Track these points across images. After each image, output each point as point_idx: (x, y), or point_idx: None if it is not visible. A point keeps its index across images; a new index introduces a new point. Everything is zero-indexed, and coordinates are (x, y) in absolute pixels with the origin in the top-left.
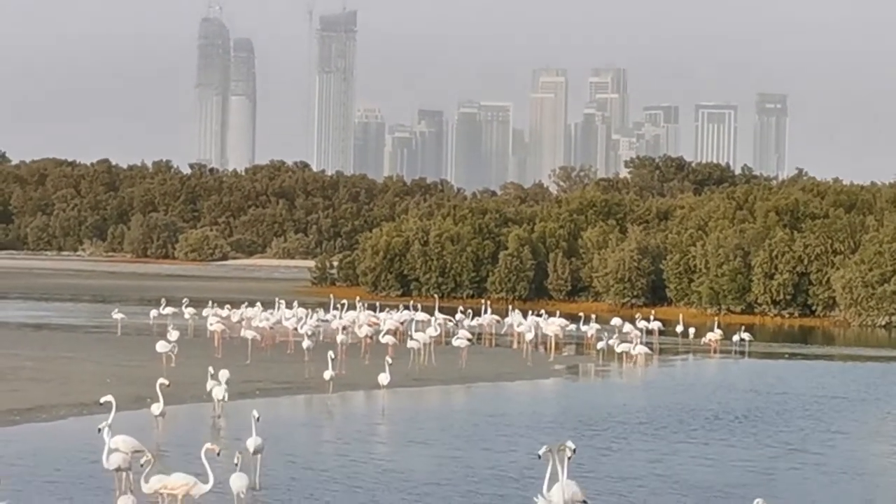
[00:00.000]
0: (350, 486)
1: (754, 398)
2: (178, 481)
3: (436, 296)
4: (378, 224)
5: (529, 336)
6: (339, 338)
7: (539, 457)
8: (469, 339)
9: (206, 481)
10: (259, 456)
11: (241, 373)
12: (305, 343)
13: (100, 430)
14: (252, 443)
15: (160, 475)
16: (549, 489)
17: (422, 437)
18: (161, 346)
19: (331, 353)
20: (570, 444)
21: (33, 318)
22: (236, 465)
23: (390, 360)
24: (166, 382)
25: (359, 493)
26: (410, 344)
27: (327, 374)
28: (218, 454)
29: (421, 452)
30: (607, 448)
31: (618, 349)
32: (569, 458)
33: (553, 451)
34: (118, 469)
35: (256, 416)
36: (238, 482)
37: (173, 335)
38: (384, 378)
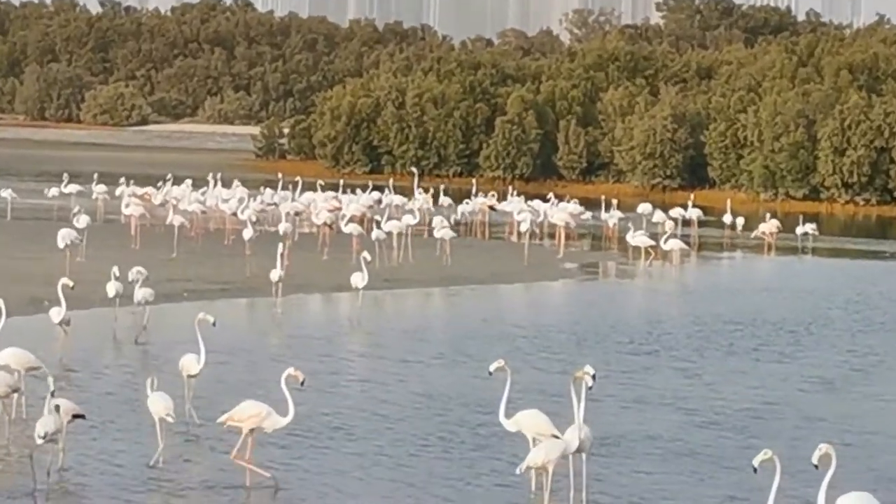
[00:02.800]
0: (306, 415)
1: (819, 306)
2: (246, 411)
3: (414, 173)
4: (340, 81)
5: (525, 226)
6: (283, 226)
7: (490, 374)
8: (455, 230)
9: (283, 413)
10: (194, 380)
11: (165, 270)
12: (247, 232)
13: None
14: (192, 361)
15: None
16: (506, 414)
17: (394, 354)
18: (64, 236)
19: (280, 247)
20: (588, 368)
21: None
22: (151, 387)
23: (368, 257)
24: (70, 283)
25: (317, 423)
26: (376, 234)
27: (275, 274)
28: (302, 384)
29: (393, 372)
30: (632, 370)
31: (645, 244)
32: (589, 388)
33: (570, 381)
34: None
35: (212, 320)
36: (158, 405)
37: (81, 221)
38: (359, 279)
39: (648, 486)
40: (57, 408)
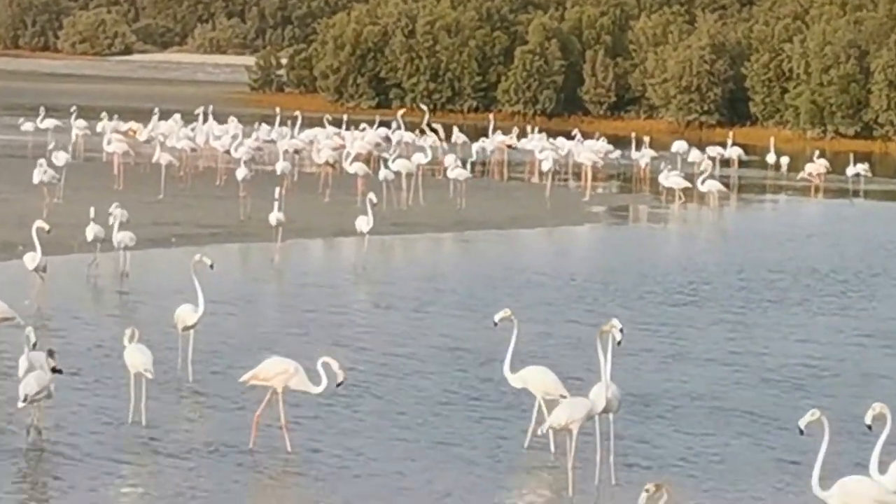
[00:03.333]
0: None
1: (872, 254)
2: (272, 368)
3: (425, 111)
4: (345, 7)
5: (547, 166)
6: (281, 165)
7: (496, 324)
8: (470, 171)
9: (317, 383)
10: (192, 332)
11: (151, 212)
12: (241, 172)
13: None
14: (188, 311)
15: None
16: (512, 369)
17: (408, 304)
18: (40, 175)
19: (277, 190)
20: (616, 322)
21: None
22: (130, 339)
23: (374, 199)
24: (45, 227)
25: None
26: (384, 174)
27: (273, 217)
28: (339, 385)
29: (409, 324)
30: (670, 322)
31: (679, 185)
32: (617, 343)
33: (597, 336)
34: None
35: (209, 262)
36: (135, 358)
37: (59, 158)
38: (364, 223)
39: (690, 448)
40: (51, 353)
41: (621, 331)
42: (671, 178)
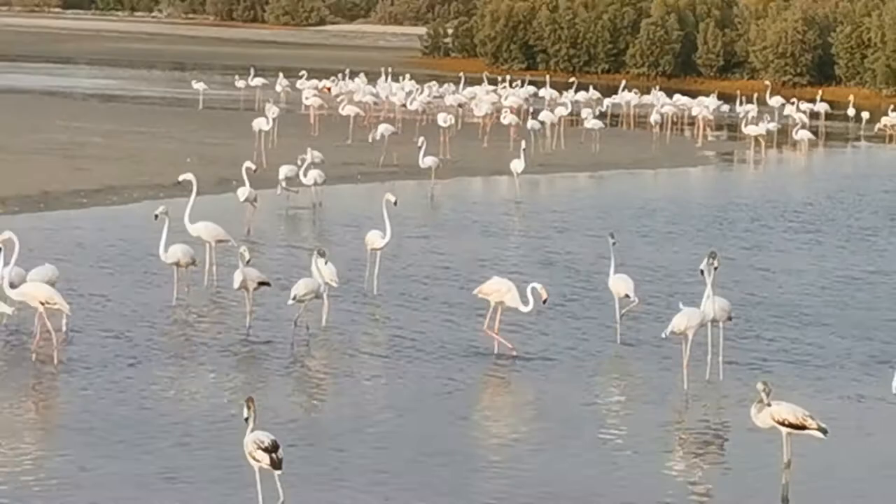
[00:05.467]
0: (462, 285)
1: None
2: (492, 286)
3: (567, 71)
4: None
5: (654, 118)
6: (442, 117)
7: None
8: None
9: (526, 303)
10: (379, 253)
11: (340, 154)
12: (443, 118)
13: (156, 216)
14: (377, 236)
15: None
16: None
17: (553, 231)
18: (259, 124)
19: (421, 140)
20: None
21: (102, 87)
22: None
23: (524, 145)
24: (253, 167)
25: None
26: (531, 124)
27: (422, 161)
28: (544, 302)
29: (550, 246)
30: (757, 246)
31: (756, 132)
32: (714, 268)
33: (702, 265)
34: (177, 264)
35: (392, 199)
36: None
37: (273, 111)
38: (518, 164)
39: (787, 350)
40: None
41: (714, 261)
42: (750, 127)
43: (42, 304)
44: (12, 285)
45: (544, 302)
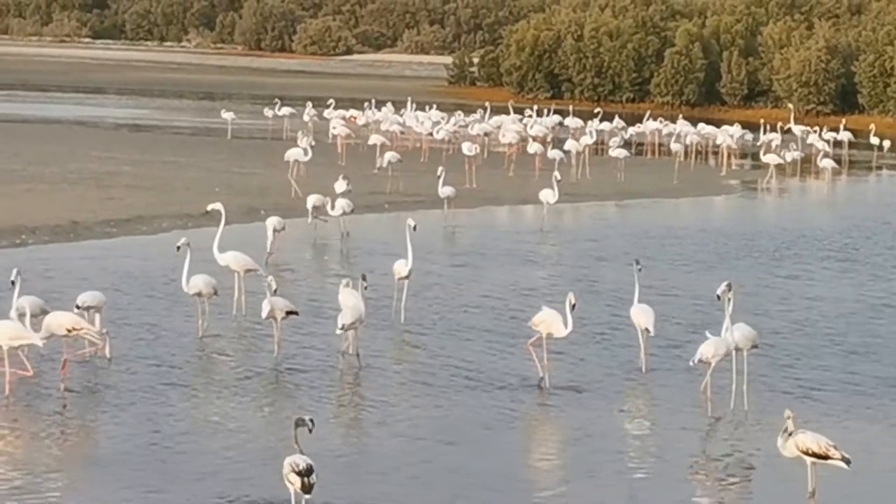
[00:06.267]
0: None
1: None
2: (541, 317)
3: (591, 100)
4: (525, 16)
5: (676, 147)
6: (466, 146)
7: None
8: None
9: (563, 327)
10: (407, 282)
11: (367, 184)
12: (467, 147)
13: (178, 247)
14: (401, 265)
15: None
16: (637, 304)
17: (585, 260)
18: (295, 154)
19: (440, 169)
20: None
21: (131, 116)
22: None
23: (559, 176)
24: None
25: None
26: (553, 154)
27: (441, 192)
28: (573, 308)
29: (572, 275)
30: (789, 275)
31: (774, 161)
32: (728, 300)
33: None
34: (199, 294)
35: (412, 224)
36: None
37: (308, 140)
38: (550, 195)
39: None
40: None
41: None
42: (768, 156)
43: (69, 331)
44: (26, 314)
45: (573, 307)
